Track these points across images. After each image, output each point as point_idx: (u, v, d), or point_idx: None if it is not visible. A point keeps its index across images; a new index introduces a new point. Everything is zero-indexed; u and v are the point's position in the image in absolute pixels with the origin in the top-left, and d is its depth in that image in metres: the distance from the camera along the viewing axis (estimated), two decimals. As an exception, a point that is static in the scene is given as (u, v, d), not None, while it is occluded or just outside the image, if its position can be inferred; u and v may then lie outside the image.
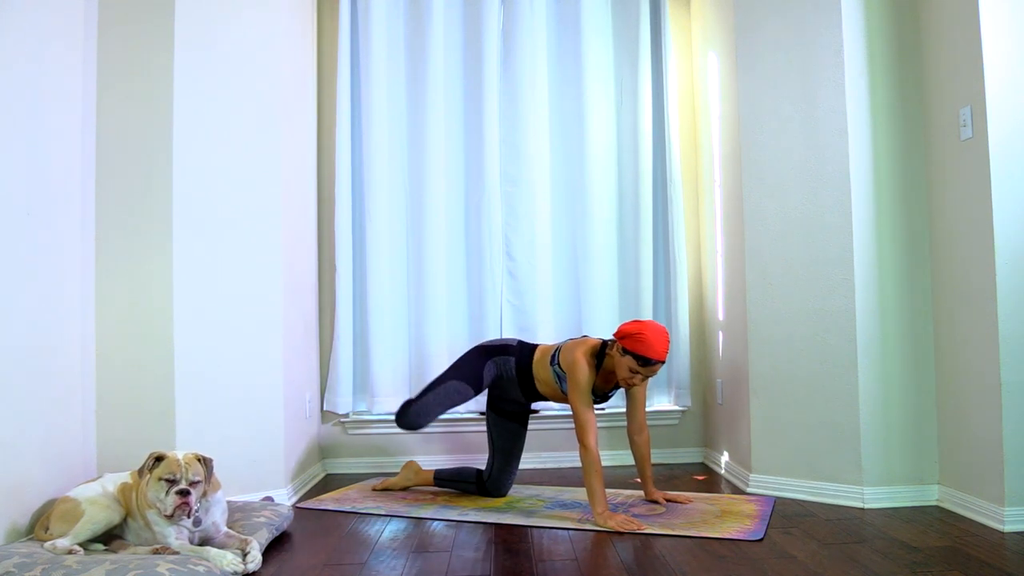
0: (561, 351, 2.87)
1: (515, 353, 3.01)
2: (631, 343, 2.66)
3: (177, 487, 2.12)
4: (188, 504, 2.12)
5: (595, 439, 2.66)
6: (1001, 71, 2.51)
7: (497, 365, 3.00)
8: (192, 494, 2.13)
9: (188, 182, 2.77)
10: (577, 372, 2.74)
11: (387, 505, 2.97)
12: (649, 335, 2.65)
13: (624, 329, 2.71)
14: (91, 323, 2.68)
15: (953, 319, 2.75)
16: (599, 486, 2.62)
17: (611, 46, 3.85)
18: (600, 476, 2.63)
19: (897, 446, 2.85)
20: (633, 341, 2.66)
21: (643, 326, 2.69)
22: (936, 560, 2.15)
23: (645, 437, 2.96)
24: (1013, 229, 2.50)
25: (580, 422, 2.69)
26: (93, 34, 2.71)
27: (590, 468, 2.63)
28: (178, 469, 2.14)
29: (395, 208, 3.78)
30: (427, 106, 3.75)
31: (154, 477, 2.15)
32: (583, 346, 2.81)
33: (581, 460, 2.66)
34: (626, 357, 2.68)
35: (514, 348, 3.03)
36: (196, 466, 2.17)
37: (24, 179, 2.31)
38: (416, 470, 3.25)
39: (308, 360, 3.52)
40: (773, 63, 3.11)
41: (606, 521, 2.56)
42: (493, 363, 3.00)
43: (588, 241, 3.76)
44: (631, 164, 3.80)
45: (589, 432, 2.65)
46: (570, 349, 2.82)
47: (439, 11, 3.77)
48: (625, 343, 2.68)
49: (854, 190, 2.88)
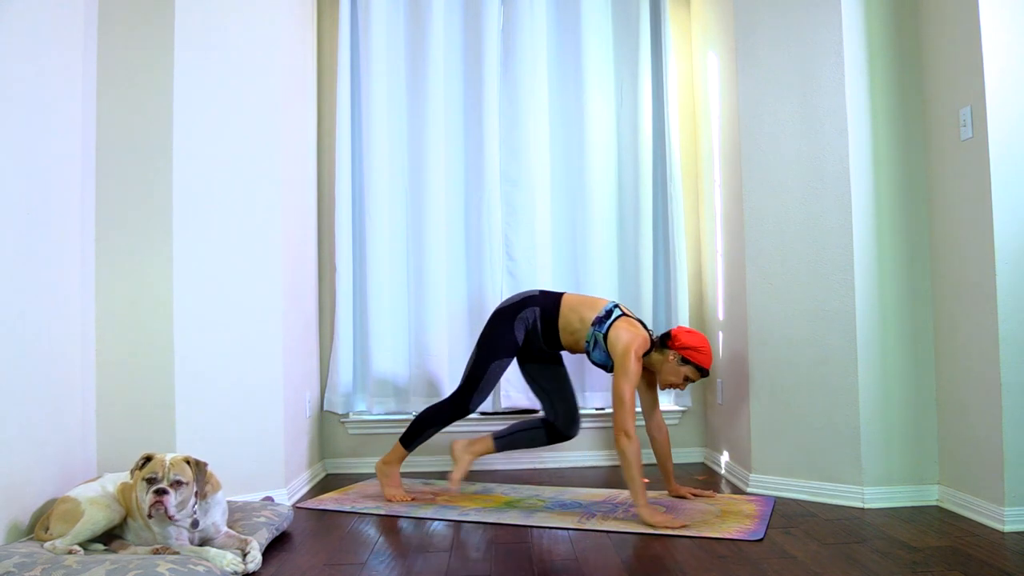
0: (615, 332, 2.80)
1: (539, 303, 3.01)
2: (696, 356, 2.85)
3: (155, 486, 2.11)
4: (163, 504, 2.09)
5: (633, 425, 2.67)
6: (1001, 71, 2.51)
7: (523, 320, 2.99)
8: (170, 494, 2.10)
9: (188, 182, 2.77)
10: (629, 363, 2.72)
11: (387, 505, 2.97)
12: (708, 349, 2.88)
13: (687, 341, 2.86)
14: (91, 323, 2.67)
15: (953, 319, 2.75)
16: (640, 477, 2.62)
17: (611, 46, 3.85)
18: (641, 467, 2.64)
19: (897, 446, 2.85)
20: (699, 355, 2.85)
21: (703, 340, 2.89)
22: (936, 560, 2.15)
23: (665, 433, 3.03)
24: (1013, 229, 2.50)
25: (625, 409, 2.65)
26: (93, 34, 2.71)
27: (635, 460, 2.61)
28: (161, 469, 2.13)
29: (395, 208, 3.78)
30: (427, 106, 3.75)
31: (139, 477, 2.15)
32: (637, 341, 2.77)
33: (624, 451, 2.62)
34: (687, 367, 2.87)
35: (537, 298, 3.03)
36: (182, 467, 2.16)
37: (24, 179, 2.31)
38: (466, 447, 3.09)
39: (308, 360, 3.52)
40: (773, 63, 3.11)
41: (651, 516, 2.56)
42: (520, 320, 2.99)
43: (588, 241, 3.76)
44: (631, 164, 3.80)
45: (631, 418, 2.65)
46: (626, 341, 2.76)
47: (439, 11, 3.77)
48: (689, 355, 2.85)
49: (854, 190, 2.88)
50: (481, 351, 3.02)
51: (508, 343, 2.99)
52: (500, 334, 3.00)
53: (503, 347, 2.98)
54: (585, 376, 3.72)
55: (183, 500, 2.15)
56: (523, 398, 3.72)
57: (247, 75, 2.97)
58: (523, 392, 3.71)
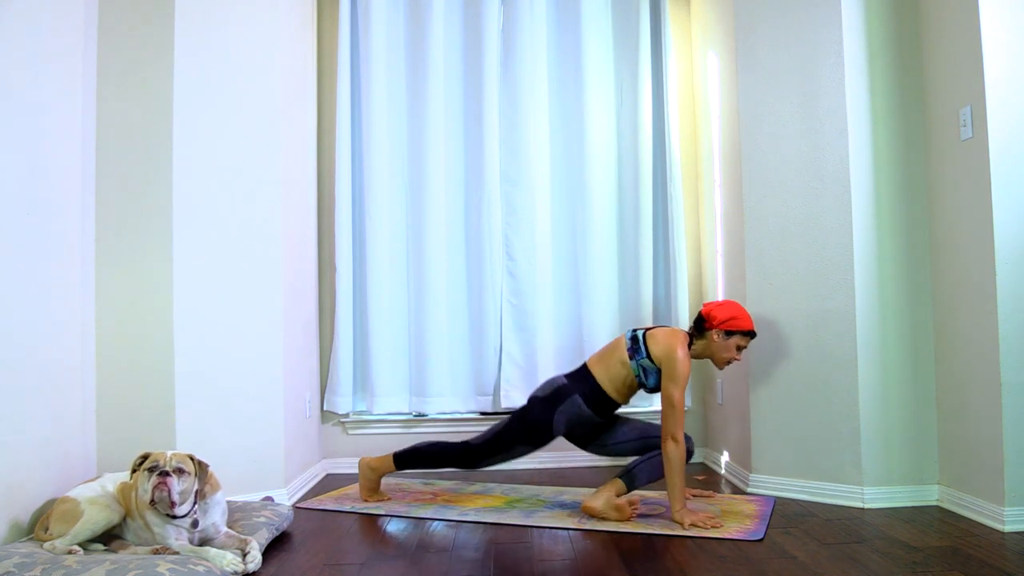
0: (654, 342, 2.74)
1: (573, 388, 2.81)
2: (737, 323, 2.78)
3: (157, 471, 2.12)
4: (166, 486, 2.09)
5: (683, 432, 2.65)
6: (1001, 71, 2.51)
7: (566, 414, 2.80)
8: (173, 477, 2.11)
9: (188, 182, 2.77)
10: (679, 365, 2.68)
11: (387, 505, 2.97)
12: (743, 311, 2.82)
13: (717, 315, 2.78)
14: (91, 323, 2.67)
15: (953, 319, 2.75)
16: (681, 482, 2.62)
17: (611, 46, 3.85)
18: (684, 472, 2.63)
19: (897, 446, 2.85)
20: (740, 321, 2.78)
21: (735, 306, 2.81)
22: (936, 560, 2.15)
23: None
24: (1013, 229, 2.49)
25: (677, 414, 2.63)
26: (93, 34, 2.71)
27: (679, 464, 2.60)
28: (163, 459, 2.15)
29: (395, 208, 3.78)
30: (427, 106, 3.75)
31: (140, 470, 2.16)
32: (678, 337, 2.75)
33: (669, 455, 2.60)
34: (733, 338, 2.79)
35: (568, 385, 2.83)
36: (184, 459, 2.18)
37: (24, 178, 2.31)
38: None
39: (308, 360, 3.52)
40: (773, 63, 3.11)
41: (684, 518, 2.56)
42: (561, 414, 2.80)
43: (588, 241, 3.76)
44: (631, 164, 3.80)
45: (682, 425, 2.64)
46: (666, 342, 2.73)
47: (439, 11, 3.77)
48: (727, 326, 2.77)
49: (854, 190, 2.88)
50: (513, 425, 2.86)
51: (542, 435, 2.83)
52: (537, 422, 2.83)
53: (534, 436, 2.84)
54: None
55: (185, 489, 2.16)
56: (523, 398, 3.71)
57: (247, 75, 2.97)
58: (523, 392, 3.71)
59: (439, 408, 3.73)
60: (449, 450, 2.93)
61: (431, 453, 2.95)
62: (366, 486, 3.04)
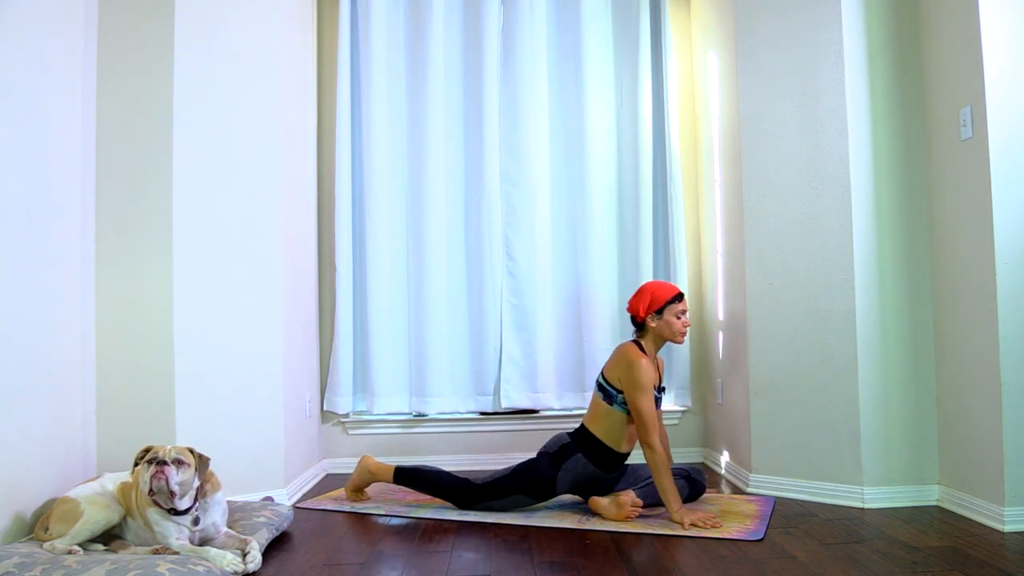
0: (609, 368, 2.80)
1: (576, 448, 2.80)
2: (655, 300, 2.81)
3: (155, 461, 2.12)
4: (164, 474, 2.10)
5: (658, 438, 2.67)
6: (1001, 71, 2.51)
7: (571, 472, 2.79)
8: (170, 467, 2.12)
9: (188, 182, 2.77)
10: (638, 371, 2.69)
11: (387, 505, 2.97)
12: (656, 284, 2.88)
13: (639, 305, 2.83)
14: (91, 323, 2.68)
15: (953, 319, 2.75)
16: (671, 484, 2.63)
17: (611, 46, 3.85)
18: (670, 473, 2.64)
19: (897, 446, 2.85)
20: (653, 297, 2.81)
21: (645, 290, 2.86)
22: (936, 560, 2.15)
23: (665, 440, 2.99)
24: (1013, 229, 2.49)
25: (647, 422, 2.66)
26: (93, 34, 2.71)
27: (661, 468, 2.62)
28: (162, 451, 2.16)
29: (395, 208, 3.78)
30: (427, 106, 3.75)
31: (142, 465, 2.17)
32: (625, 349, 2.77)
33: (649, 462, 2.65)
34: (664, 313, 2.81)
35: (571, 445, 2.81)
36: (184, 451, 2.19)
37: (24, 179, 2.31)
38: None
39: (308, 360, 3.52)
40: (773, 63, 3.11)
41: (684, 518, 2.56)
42: (566, 472, 2.79)
43: (588, 241, 3.76)
44: (631, 164, 3.80)
45: (654, 432, 2.66)
46: (618, 359, 2.77)
47: (439, 11, 3.77)
48: (653, 308, 2.81)
49: (854, 190, 2.88)
50: (515, 475, 2.82)
51: (543, 489, 2.80)
52: (541, 476, 2.79)
53: (536, 489, 2.80)
54: (585, 376, 3.72)
55: (184, 481, 2.16)
56: (523, 398, 3.72)
57: (247, 75, 2.97)
58: (523, 392, 3.71)
59: (439, 408, 3.73)
60: (449, 482, 2.89)
61: (432, 479, 2.92)
62: (356, 484, 3.04)
